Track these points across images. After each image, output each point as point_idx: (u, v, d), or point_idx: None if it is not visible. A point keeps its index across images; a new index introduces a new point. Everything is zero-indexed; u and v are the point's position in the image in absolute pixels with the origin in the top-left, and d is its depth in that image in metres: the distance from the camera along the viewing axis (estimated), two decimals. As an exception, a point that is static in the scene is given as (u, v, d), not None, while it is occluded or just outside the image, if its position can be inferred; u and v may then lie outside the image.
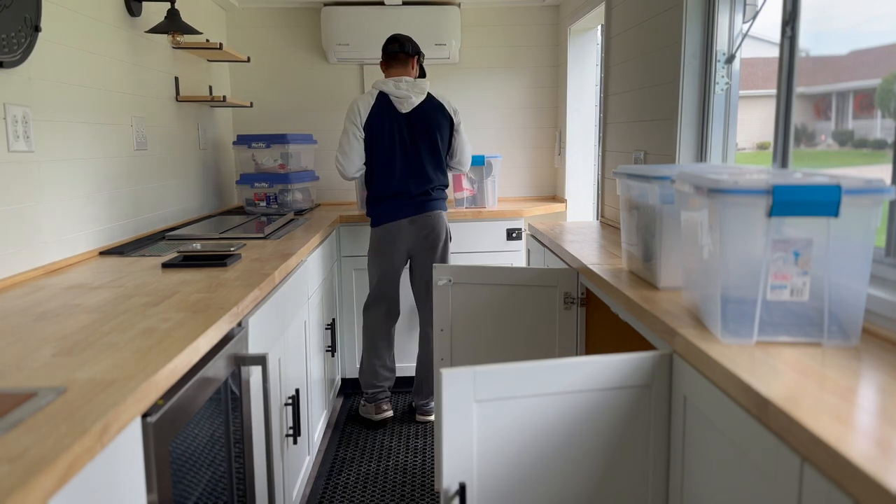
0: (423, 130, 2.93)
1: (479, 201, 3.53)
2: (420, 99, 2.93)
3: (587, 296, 2.10)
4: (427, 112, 2.94)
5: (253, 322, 1.67)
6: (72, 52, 2.09)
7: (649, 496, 1.34)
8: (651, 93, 2.43)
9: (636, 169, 1.68)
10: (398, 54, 2.96)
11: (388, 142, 2.92)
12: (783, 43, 1.71)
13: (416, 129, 2.93)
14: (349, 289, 3.36)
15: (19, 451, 0.79)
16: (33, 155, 1.88)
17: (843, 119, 1.66)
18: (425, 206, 2.96)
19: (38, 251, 1.89)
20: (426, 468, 2.70)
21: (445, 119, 2.97)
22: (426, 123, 2.93)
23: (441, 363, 2.24)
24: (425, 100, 2.95)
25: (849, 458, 0.76)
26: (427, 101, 2.95)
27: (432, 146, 2.95)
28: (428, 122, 2.93)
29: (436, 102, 2.97)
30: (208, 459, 1.36)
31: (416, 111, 2.93)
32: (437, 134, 2.95)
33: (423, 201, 2.96)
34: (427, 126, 2.93)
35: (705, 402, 1.15)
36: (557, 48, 3.94)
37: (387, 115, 2.92)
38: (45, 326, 1.32)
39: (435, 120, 2.94)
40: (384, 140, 2.91)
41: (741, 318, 1.18)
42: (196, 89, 3.27)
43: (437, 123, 2.94)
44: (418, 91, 2.94)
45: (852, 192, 1.11)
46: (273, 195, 3.33)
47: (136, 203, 2.55)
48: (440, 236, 3.00)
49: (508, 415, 1.26)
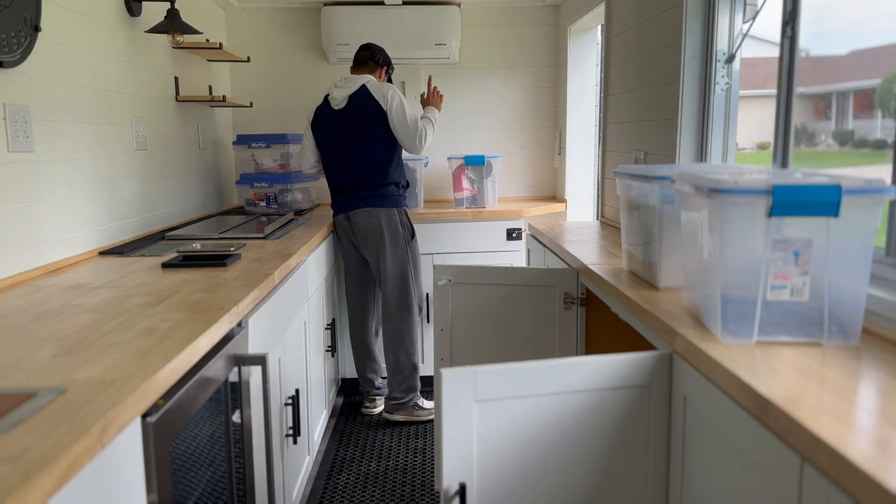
0: (355, 125, 2.89)
1: (479, 201, 3.52)
2: (348, 93, 2.88)
3: (587, 296, 2.10)
4: (357, 106, 2.88)
5: (253, 322, 1.67)
6: (72, 52, 2.09)
7: (649, 496, 1.34)
8: (651, 93, 2.43)
9: (636, 169, 1.68)
10: (367, 61, 3.00)
11: (325, 140, 2.97)
12: (783, 43, 1.71)
13: (348, 124, 2.90)
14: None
15: (19, 451, 0.79)
16: (33, 155, 1.88)
17: (843, 119, 1.66)
18: (357, 202, 2.92)
19: (38, 251, 1.89)
20: (426, 468, 2.70)
21: (375, 109, 2.87)
22: (356, 118, 2.88)
23: (441, 363, 2.24)
24: (357, 94, 2.88)
25: (849, 458, 0.76)
26: (358, 95, 2.89)
27: (365, 140, 2.88)
28: (358, 116, 2.88)
29: (366, 94, 2.88)
30: (208, 459, 1.36)
31: (348, 107, 2.89)
32: (368, 127, 2.87)
33: (356, 198, 2.92)
34: (357, 121, 2.88)
35: (705, 402, 1.15)
36: (557, 48, 3.94)
37: (325, 114, 2.96)
38: (45, 326, 1.32)
39: (364, 113, 2.87)
40: (322, 138, 2.98)
41: (741, 318, 1.18)
42: (196, 89, 3.27)
43: (367, 116, 2.87)
44: (350, 85, 2.90)
45: (852, 192, 1.11)
46: (273, 195, 3.33)
47: (136, 203, 2.55)
48: (377, 232, 2.92)
49: (508, 415, 1.26)
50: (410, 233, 3.00)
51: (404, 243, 2.96)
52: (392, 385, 3.07)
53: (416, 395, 3.09)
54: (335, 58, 3.73)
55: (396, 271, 2.96)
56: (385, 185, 2.92)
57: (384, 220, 2.91)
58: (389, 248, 2.93)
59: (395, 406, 3.08)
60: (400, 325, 3.01)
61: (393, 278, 2.97)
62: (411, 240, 3.00)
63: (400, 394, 3.06)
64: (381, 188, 2.91)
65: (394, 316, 3.00)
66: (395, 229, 2.94)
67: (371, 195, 2.90)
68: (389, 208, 2.92)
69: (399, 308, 3.00)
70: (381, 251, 2.94)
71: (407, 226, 2.98)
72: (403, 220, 2.97)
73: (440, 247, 3.38)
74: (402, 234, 2.95)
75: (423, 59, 3.76)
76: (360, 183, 2.91)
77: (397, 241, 2.94)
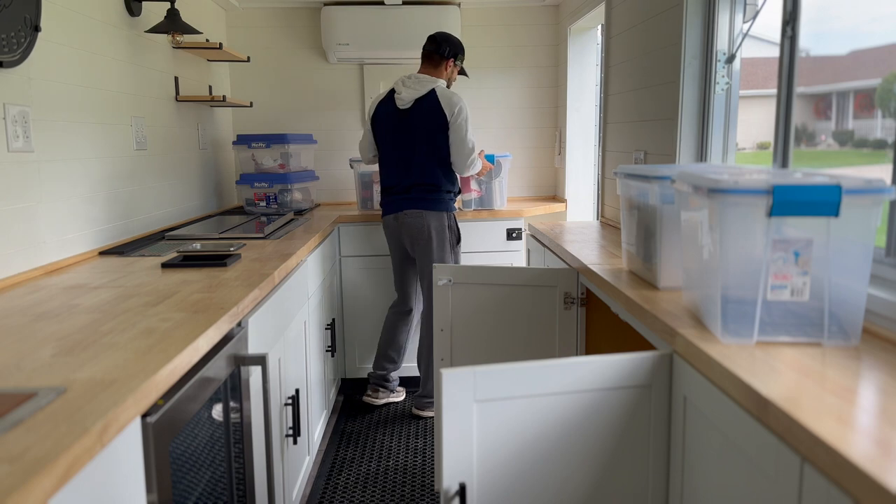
0: (417, 127, 2.90)
1: (486, 203, 3.47)
2: (417, 94, 2.89)
3: (587, 296, 2.10)
4: (422, 109, 2.89)
5: (253, 322, 1.67)
6: (72, 52, 2.09)
7: (649, 496, 1.34)
8: (651, 93, 2.43)
9: (636, 169, 1.68)
10: (432, 55, 2.98)
11: (383, 137, 2.98)
12: (783, 43, 1.71)
13: (410, 125, 2.91)
14: (349, 289, 3.36)
15: (19, 451, 0.79)
16: (33, 155, 1.88)
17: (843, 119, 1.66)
18: (406, 203, 2.94)
19: (38, 251, 1.89)
20: (426, 468, 2.70)
21: (439, 116, 2.89)
22: (419, 120, 2.90)
23: (441, 363, 2.24)
24: (425, 96, 2.90)
25: (849, 458, 0.76)
26: (426, 98, 2.90)
27: (423, 144, 2.90)
28: (421, 118, 2.89)
29: (434, 99, 2.89)
30: (208, 459, 1.36)
31: (414, 108, 2.90)
32: (430, 133, 2.89)
33: (405, 199, 2.94)
34: (420, 123, 2.90)
35: (705, 402, 1.15)
36: (557, 48, 3.94)
37: (387, 111, 2.95)
38: (45, 326, 1.32)
39: (429, 119, 2.89)
40: (380, 135, 2.99)
41: (741, 318, 1.18)
42: (196, 89, 3.27)
43: (431, 122, 2.89)
44: (418, 87, 2.90)
45: (852, 192, 1.11)
46: (273, 195, 3.33)
47: (136, 203, 2.55)
48: (423, 234, 2.94)
49: (508, 415, 1.26)
50: (457, 237, 3.02)
51: (450, 247, 2.98)
52: (426, 387, 3.14)
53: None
54: (335, 58, 3.73)
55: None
56: (437, 191, 2.94)
57: (433, 223, 2.93)
58: (436, 252, 2.95)
59: (427, 404, 3.17)
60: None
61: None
62: (457, 244, 3.02)
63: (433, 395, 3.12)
64: (432, 192, 2.93)
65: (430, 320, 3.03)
66: (443, 233, 2.96)
67: (422, 198, 2.93)
68: (439, 212, 2.94)
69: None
70: (427, 254, 2.96)
71: (455, 230, 3.01)
72: (452, 225, 2.99)
73: (440, 247, 3.37)
74: (448, 238, 2.98)
75: (423, 59, 3.75)
76: (413, 186, 2.93)
77: (444, 246, 2.96)
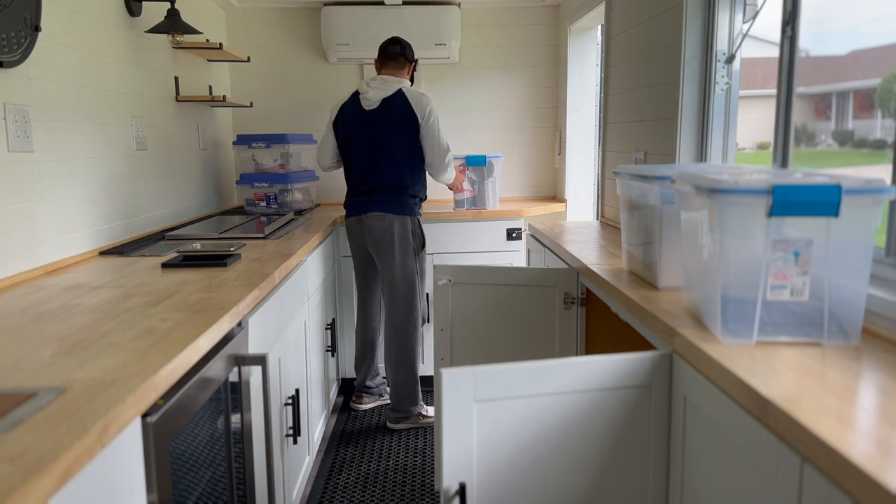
0: (385, 128, 2.81)
1: (479, 202, 3.46)
2: (384, 94, 2.80)
3: (587, 296, 2.10)
4: (390, 109, 2.80)
5: (253, 322, 1.67)
6: (72, 52, 2.09)
7: (649, 496, 1.34)
8: (651, 93, 2.43)
9: (636, 169, 1.68)
10: (398, 57, 2.91)
11: (347, 140, 2.89)
12: (783, 43, 1.71)
13: (378, 126, 2.82)
14: (349, 289, 3.35)
15: (19, 451, 0.79)
16: (33, 155, 1.88)
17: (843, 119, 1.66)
18: (370, 206, 2.85)
19: (38, 251, 1.89)
20: (426, 468, 2.70)
21: (409, 117, 2.80)
22: (387, 120, 2.80)
23: (441, 363, 2.24)
24: (393, 97, 2.81)
25: (849, 458, 0.76)
26: (394, 98, 2.81)
27: (392, 146, 2.81)
28: (389, 119, 2.80)
29: (402, 99, 2.81)
30: (208, 459, 1.36)
31: (382, 108, 2.81)
32: (398, 133, 2.80)
33: (369, 201, 2.86)
34: (388, 123, 2.80)
35: (705, 402, 1.15)
36: (557, 48, 3.94)
37: (352, 113, 2.87)
38: (45, 326, 1.32)
39: (398, 118, 2.80)
40: (343, 138, 2.90)
41: (741, 318, 1.18)
42: (196, 89, 3.27)
43: (399, 122, 2.80)
44: (385, 87, 2.82)
45: (852, 192, 1.11)
46: (273, 195, 3.33)
47: (136, 203, 2.55)
48: (386, 238, 2.85)
49: (508, 415, 1.26)
50: (421, 243, 2.94)
51: (414, 253, 2.90)
52: (395, 398, 3.02)
53: (418, 406, 3.05)
54: (335, 58, 3.73)
55: (404, 281, 2.90)
56: (403, 193, 2.86)
57: (397, 226, 2.85)
58: (398, 257, 2.87)
59: (399, 418, 3.04)
60: (403, 336, 2.94)
61: (400, 288, 2.90)
62: (421, 250, 2.94)
63: (403, 407, 3.02)
64: (398, 196, 2.85)
65: (399, 327, 2.94)
66: (406, 238, 2.87)
67: (387, 200, 2.84)
68: (403, 216, 2.86)
69: (404, 320, 2.93)
70: (389, 259, 2.87)
71: (419, 235, 2.92)
72: (416, 230, 2.91)
73: (440, 247, 3.37)
74: (412, 243, 2.89)
75: (423, 59, 3.75)
76: (379, 188, 2.85)
77: (407, 251, 2.88)
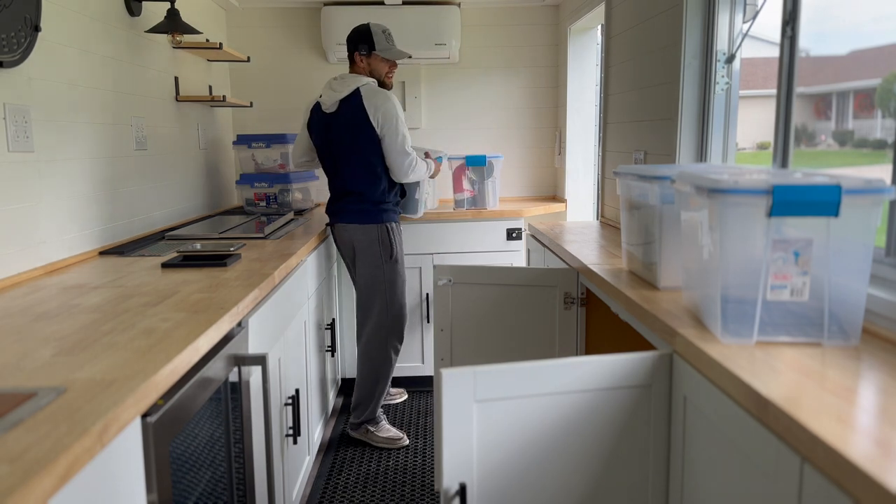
0: (341, 134, 2.64)
1: (479, 202, 3.46)
2: (340, 96, 2.62)
3: (587, 296, 2.10)
4: (347, 113, 2.62)
5: (253, 322, 1.67)
6: (72, 52, 2.09)
7: (649, 496, 1.34)
8: (651, 93, 2.43)
9: (636, 169, 1.68)
10: (350, 55, 2.73)
11: (317, 144, 2.75)
12: (783, 43, 1.71)
13: (335, 130, 2.65)
14: (349, 289, 3.35)
15: (19, 451, 0.79)
16: (33, 155, 1.88)
17: (843, 119, 1.66)
18: (335, 216, 2.75)
19: (38, 251, 1.89)
20: (426, 468, 2.70)
21: (363, 120, 2.59)
22: (343, 127, 2.63)
23: (441, 363, 2.24)
24: (349, 97, 2.61)
25: (849, 458, 0.76)
26: (350, 99, 2.61)
27: (349, 153, 2.64)
28: (345, 124, 2.62)
29: (357, 99, 2.60)
30: (208, 459, 1.36)
31: (339, 111, 2.63)
32: (354, 138, 2.61)
33: (334, 211, 2.76)
34: (344, 130, 2.63)
35: (705, 402, 1.15)
36: (557, 48, 3.94)
37: (317, 117, 2.72)
38: (45, 326, 1.32)
39: (352, 123, 2.61)
40: (316, 142, 2.76)
41: (741, 318, 1.18)
42: (196, 89, 3.27)
43: (354, 126, 2.61)
44: (342, 87, 2.63)
45: (852, 192, 1.11)
46: (273, 195, 3.33)
47: (136, 203, 2.55)
48: (350, 250, 2.75)
49: (508, 415, 1.26)
50: (389, 253, 2.72)
51: (382, 262, 2.73)
52: (353, 406, 2.93)
53: (372, 422, 2.91)
54: (335, 58, 3.74)
55: (366, 293, 2.77)
56: (364, 201, 2.68)
57: (358, 236, 2.70)
58: (360, 268, 2.74)
59: (353, 426, 2.94)
60: (367, 350, 2.84)
61: (365, 300, 2.79)
62: (390, 259, 2.73)
63: (356, 420, 2.91)
64: (360, 203, 2.68)
65: (365, 342, 2.84)
66: (371, 248, 2.70)
67: (349, 210, 2.70)
68: (365, 224, 2.68)
69: (368, 335, 2.82)
70: (355, 269, 2.77)
71: (387, 244, 2.71)
72: (383, 238, 2.70)
73: (440, 247, 3.37)
74: (379, 252, 2.71)
75: (423, 59, 3.76)
76: (343, 196, 2.71)
77: (372, 261, 2.72)
